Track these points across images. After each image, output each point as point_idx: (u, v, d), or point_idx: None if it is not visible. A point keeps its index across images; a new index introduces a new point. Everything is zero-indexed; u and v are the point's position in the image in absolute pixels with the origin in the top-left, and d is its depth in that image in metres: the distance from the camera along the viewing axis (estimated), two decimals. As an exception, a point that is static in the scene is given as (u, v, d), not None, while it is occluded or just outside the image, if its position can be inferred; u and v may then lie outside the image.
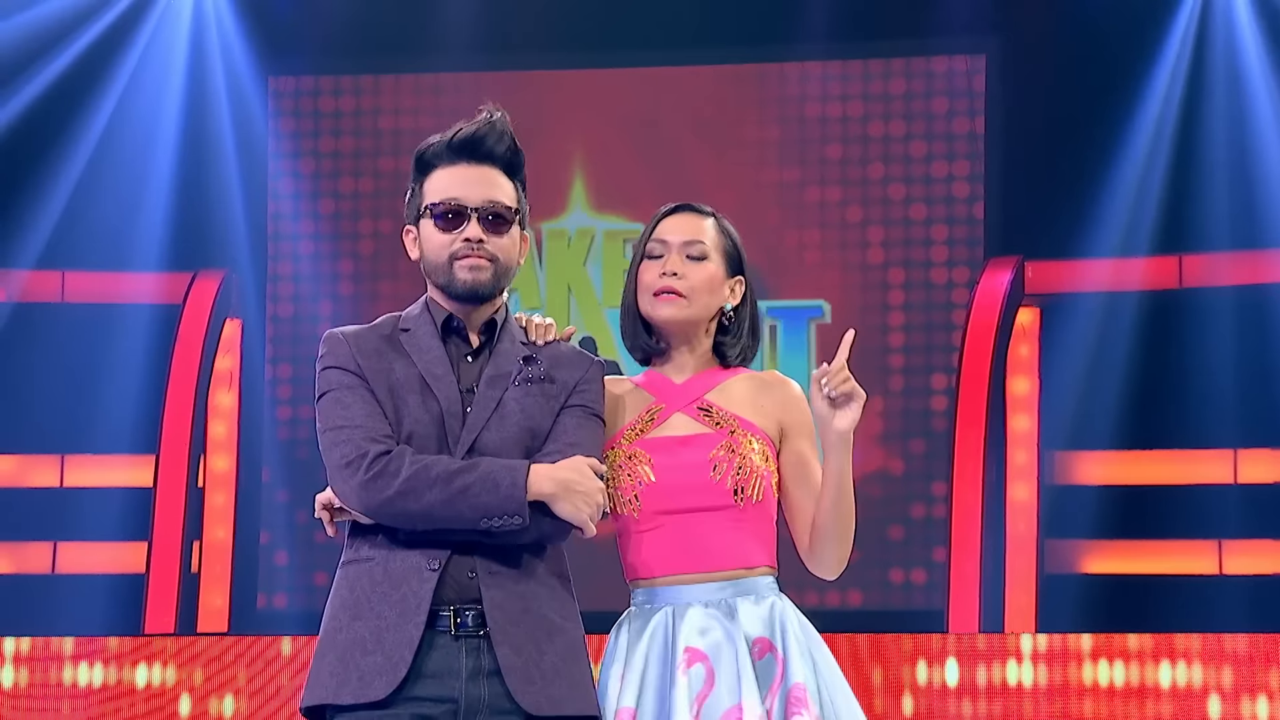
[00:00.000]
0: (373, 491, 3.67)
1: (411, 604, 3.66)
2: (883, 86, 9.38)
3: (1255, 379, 8.67)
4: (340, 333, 3.86)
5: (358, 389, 3.76)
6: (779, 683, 3.75)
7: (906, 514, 9.18)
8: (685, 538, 3.83)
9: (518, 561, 3.71)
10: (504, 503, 3.64)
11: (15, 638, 8.96)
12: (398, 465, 3.66)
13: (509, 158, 3.85)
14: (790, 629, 3.79)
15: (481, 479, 3.64)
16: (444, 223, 3.83)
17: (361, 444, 3.69)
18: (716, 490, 3.82)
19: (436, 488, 3.64)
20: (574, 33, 9.45)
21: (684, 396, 3.91)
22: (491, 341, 3.83)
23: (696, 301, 3.91)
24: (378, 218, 9.58)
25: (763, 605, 3.81)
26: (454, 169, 3.84)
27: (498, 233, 3.82)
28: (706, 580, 3.82)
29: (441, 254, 3.82)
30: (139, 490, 9.40)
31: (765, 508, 3.86)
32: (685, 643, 3.77)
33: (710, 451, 3.84)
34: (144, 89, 9.50)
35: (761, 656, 3.78)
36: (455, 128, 3.85)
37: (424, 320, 3.84)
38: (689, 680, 3.74)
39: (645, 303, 3.92)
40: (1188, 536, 8.86)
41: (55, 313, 9.50)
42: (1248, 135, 8.96)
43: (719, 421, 3.87)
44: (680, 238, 3.92)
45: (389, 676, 3.64)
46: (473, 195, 3.81)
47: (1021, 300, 9.13)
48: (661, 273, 3.90)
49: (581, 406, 3.80)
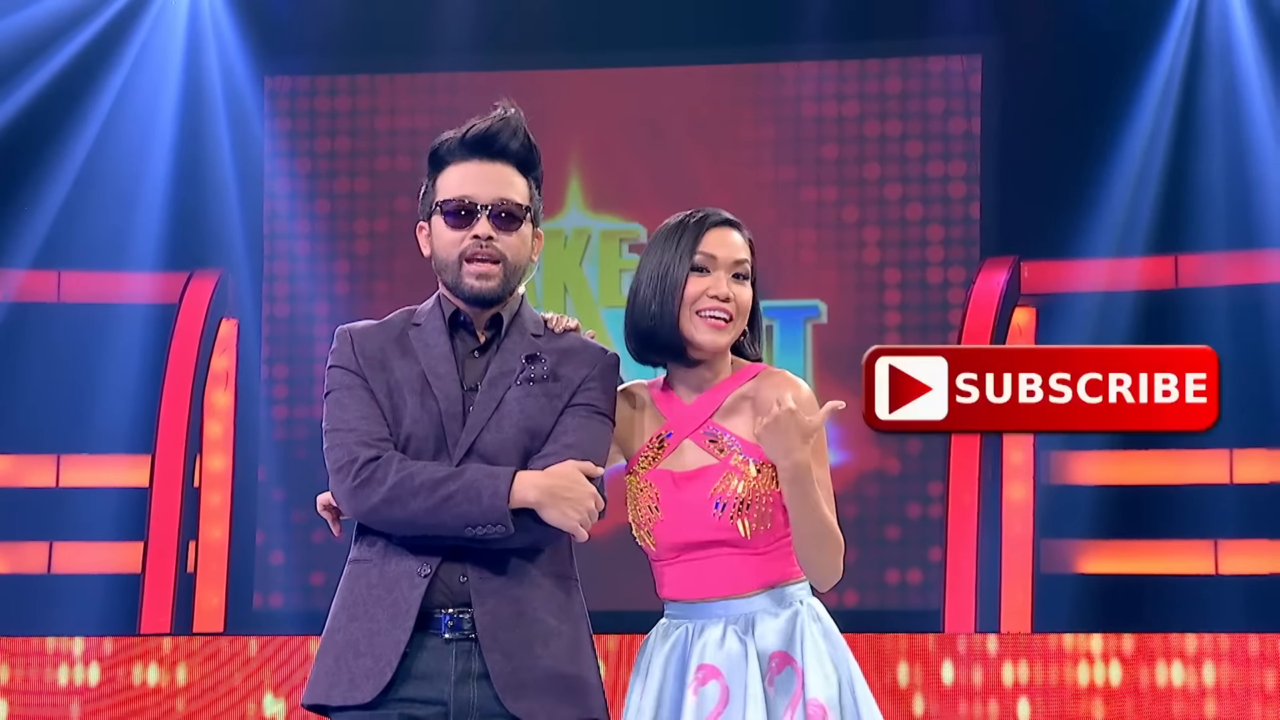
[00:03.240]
0: (360, 498, 3.68)
1: (401, 609, 3.67)
2: (879, 86, 9.38)
3: (1251, 379, 8.67)
4: (348, 330, 3.85)
5: (356, 390, 3.76)
6: (798, 697, 3.72)
7: (903, 514, 9.18)
8: (700, 570, 3.81)
9: (511, 565, 3.70)
10: (486, 513, 3.63)
11: (11, 637, 8.96)
12: (384, 473, 3.66)
13: (523, 154, 3.82)
14: (810, 640, 3.77)
15: (464, 488, 3.63)
16: (454, 220, 3.79)
17: (353, 449, 3.70)
18: (720, 527, 3.78)
19: (420, 496, 3.64)
20: (570, 33, 9.45)
21: (692, 421, 3.86)
22: (499, 337, 3.81)
23: (739, 325, 3.88)
24: (374, 218, 9.58)
25: (782, 617, 3.79)
26: (467, 165, 3.80)
27: (508, 230, 3.78)
28: (729, 600, 3.80)
29: (451, 252, 3.79)
30: (135, 490, 9.40)
31: (779, 530, 3.81)
32: (699, 660, 3.76)
33: (712, 486, 3.80)
34: (140, 89, 9.50)
35: (780, 670, 3.75)
36: (469, 124, 3.82)
37: (434, 315, 3.83)
38: (699, 701, 3.72)
39: (688, 319, 3.83)
40: (1184, 536, 8.86)
41: (51, 313, 9.50)
42: (1243, 135, 8.97)
43: (723, 449, 3.82)
44: (730, 255, 3.85)
45: (376, 680, 3.66)
46: (484, 192, 3.78)
47: (1017, 300, 9.14)
48: (714, 295, 3.82)
49: (585, 405, 3.77)
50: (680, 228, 3.87)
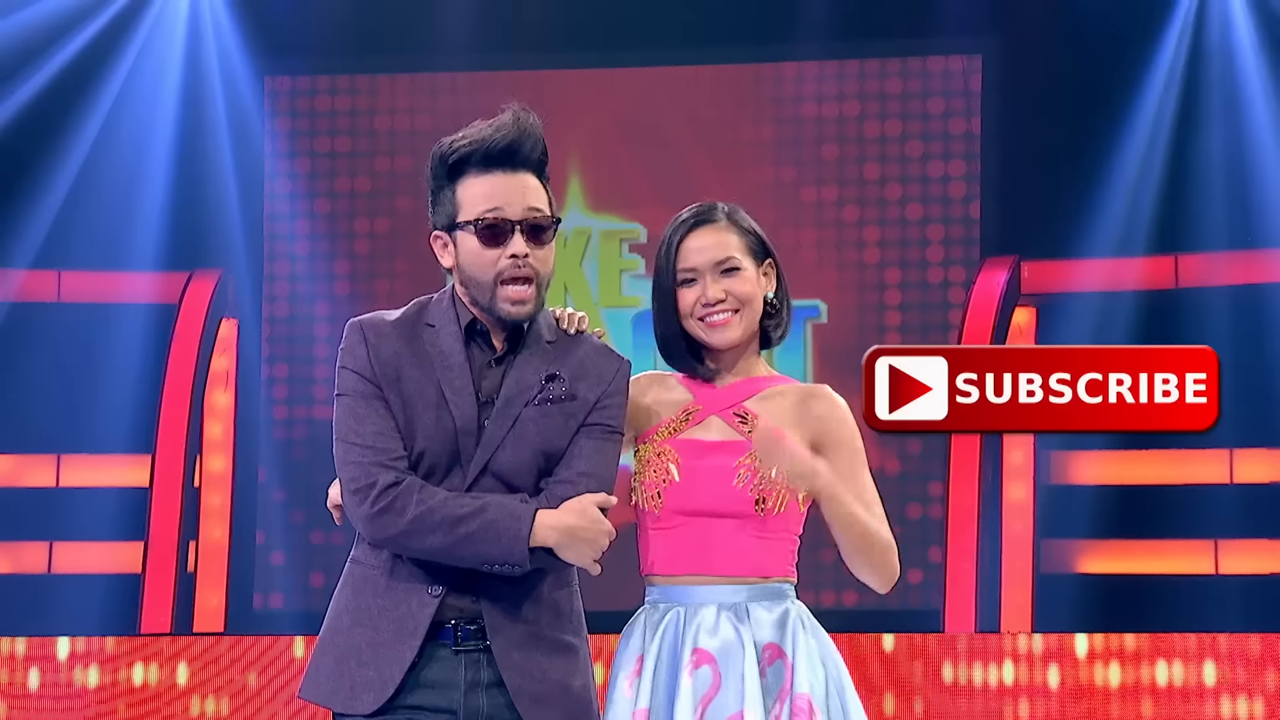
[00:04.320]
0: (378, 526, 3.65)
1: (409, 626, 3.66)
2: (879, 86, 9.38)
3: (1251, 379, 8.67)
4: (362, 326, 3.75)
5: (373, 400, 3.69)
6: (787, 691, 3.73)
7: (903, 514, 9.17)
8: (703, 540, 3.80)
9: (521, 582, 3.68)
10: (505, 554, 3.61)
11: (11, 638, 8.96)
12: (404, 503, 3.62)
13: (542, 160, 3.76)
14: (801, 637, 3.77)
15: (483, 529, 3.60)
16: (488, 238, 3.70)
17: (371, 470, 3.65)
18: (738, 498, 3.79)
19: (439, 532, 3.61)
20: (570, 33, 9.45)
21: (724, 400, 3.88)
22: (517, 348, 3.75)
23: (747, 313, 3.88)
24: (374, 217, 9.58)
25: (776, 611, 3.79)
26: (491, 178, 3.70)
27: (539, 244, 3.71)
28: (721, 583, 3.80)
29: (487, 273, 3.69)
30: (135, 490, 9.40)
31: (788, 520, 3.83)
32: (694, 644, 3.76)
33: (738, 459, 3.81)
34: (140, 88, 9.50)
35: (772, 663, 3.76)
36: (483, 132, 3.72)
37: (449, 319, 3.75)
38: (694, 682, 3.73)
39: (695, 328, 3.86)
40: (1184, 536, 8.86)
41: (51, 312, 9.50)
42: (1243, 135, 8.97)
43: (752, 429, 3.82)
44: (708, 259, 3.86)
45: (377, 692, 3.64)
46: (514, 207, 3.70)
47: (1018, 300, 9.14)
48: (704, 302, 3.85)
49: (601, 425, 3.73)
50: (665, 240, 3.90)
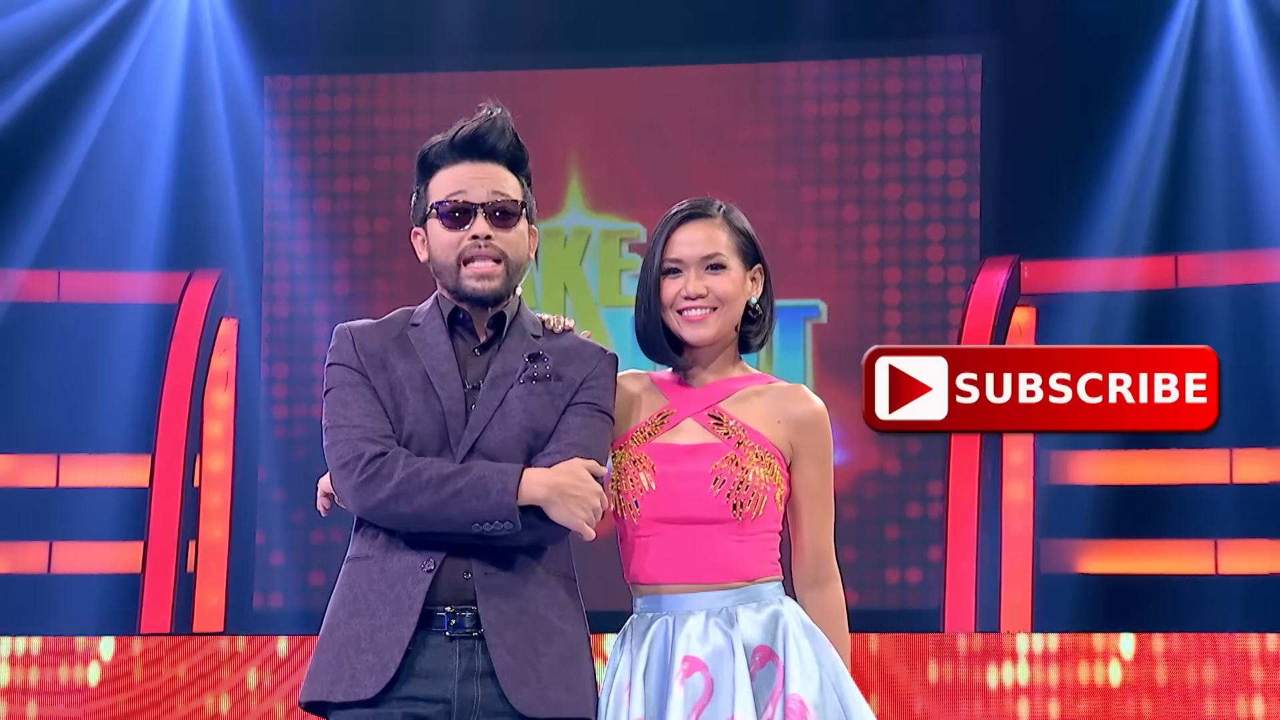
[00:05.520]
0: (366, 494, 3.68)
1: (405, 604, 3.66)
2: (879, 86, 9.38)
3: (1251, 379, 8.67)
4: (348, 328, 3.84)
5: (359, 387, 3.75)
6: (779, 692, 3.72)
7: (902, 514, 9.18)
8: (684, 548, 3.80)
9: (515, 563, 3.70)
10: (494, 509, 3.63)
11: (11, 637, 8.96)
12: (391, 468, 3.66)
13: (512, 153, 3.82)
14: (792, 637, 3.76)
15: (472, 484, 3.63)
16: (451, 221, 3.78)
17: (358, 445, 3.69)
18: (715, 503, 3.78)
19: (428, 492, 3.64)
20: (570, 32, 9.45)
21: (698, 402, 3.87)
22: (500, 336, 3.80)
23: (725, 312, 3.86)
24: (374, 217, 9.59)
25: (764, 612, 3.78)
26: (458, 168, 3.80)
27: (505, 227, 3.78)
28: (707, 590, 3.79)
29: (450, 254, 3.78)
30: (135, 490, 9.40)
31: (767, 521, 3.82)
32: (684, 651, 3.75)
33: (714, 463, 3.80)
34: (140, 88, 9.50)
35: (762, 665, 3.75)
36: (456, 126, 3.82)
37: (433, 315, 3.82)
38: (686, 691, 3.72)
39: (673, 320, 3.86)
40: (1184, 536, 8.86)
41: (51, 312, 9.50)
42: (1243, 135, 8.97)
43: (728, 431, 3.82)
44: (695, 252, 3.86)
45: (379, 675, 3.64)
46: (477, 191, 3.78)
47: (1017, 300, 9.14)
48: (686, 295, 3.85)
49: (587, 404, 3.77)
50: (657, 230, 3.92)
